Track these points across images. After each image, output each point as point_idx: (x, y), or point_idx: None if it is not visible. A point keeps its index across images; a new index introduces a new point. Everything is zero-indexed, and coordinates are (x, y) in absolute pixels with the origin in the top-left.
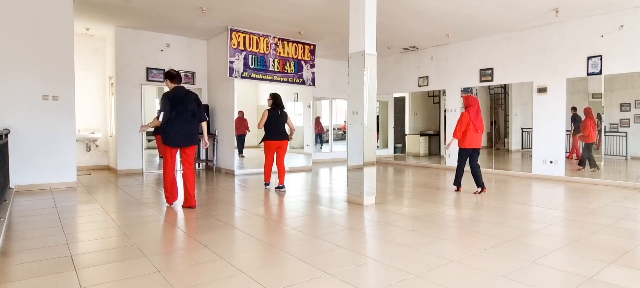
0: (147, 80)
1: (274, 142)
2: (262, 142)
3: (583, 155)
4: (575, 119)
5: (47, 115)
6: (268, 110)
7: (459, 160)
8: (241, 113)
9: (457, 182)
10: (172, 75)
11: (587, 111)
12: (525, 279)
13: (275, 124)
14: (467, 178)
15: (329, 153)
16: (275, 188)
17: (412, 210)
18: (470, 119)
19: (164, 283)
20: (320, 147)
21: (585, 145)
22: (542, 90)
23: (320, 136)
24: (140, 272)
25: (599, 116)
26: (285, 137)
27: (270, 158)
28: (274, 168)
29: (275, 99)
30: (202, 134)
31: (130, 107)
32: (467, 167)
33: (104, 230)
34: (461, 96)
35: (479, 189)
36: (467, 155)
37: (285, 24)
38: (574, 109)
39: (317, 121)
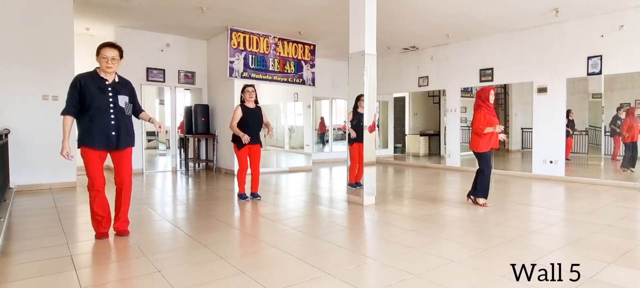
0: (147, 80)
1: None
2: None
3: (632, 156)
4: (616, 119)
5: (47, 115)
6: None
7: (484, 167)
8: None
9: (485, 193)
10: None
11: (631, 110)
12: (526, 279)
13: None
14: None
15: (329, 153)
16: (251, 196)
17: (412, 210)
18: (488, 115)
19: (164, 283)
20: (323, 147)
21: (629, 144)
22: (542, 90)
23: (323, 136)
24: (140, 272)
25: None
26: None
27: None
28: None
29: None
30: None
31: None
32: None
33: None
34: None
35: (481, 200)
36: (488, 157)
37: (285, 24)
38: (618, 109)
39: (322, 121)
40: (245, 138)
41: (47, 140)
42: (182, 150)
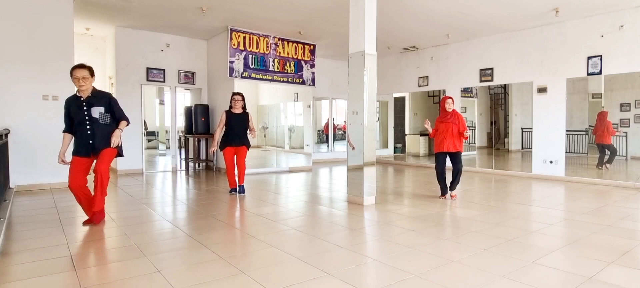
0: (147, 80)
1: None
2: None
3: (600, 157)
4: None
5: (47, 115)
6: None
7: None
8: None
9: (443, 189)
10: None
11: (602, 113)
12: (525, 279)
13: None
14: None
15: (329, 153)
16: (235, 190)
17: (412, 210)
18: (438, 120)
19: (164, 283)
20: (327, 147)
21: (605, 145)
22: (542, 90)
23: (327, 136)
24: (140, 272)
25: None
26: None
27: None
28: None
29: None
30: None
31: (130, 107)
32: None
33: (104, 230)
34: (461, 97)
35: (445, 194)
36: (437, 159)
37: (285, 24)
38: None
39: (328, 123)
40: (212, 149)
41: (47, 140)
42: (182, 150)
